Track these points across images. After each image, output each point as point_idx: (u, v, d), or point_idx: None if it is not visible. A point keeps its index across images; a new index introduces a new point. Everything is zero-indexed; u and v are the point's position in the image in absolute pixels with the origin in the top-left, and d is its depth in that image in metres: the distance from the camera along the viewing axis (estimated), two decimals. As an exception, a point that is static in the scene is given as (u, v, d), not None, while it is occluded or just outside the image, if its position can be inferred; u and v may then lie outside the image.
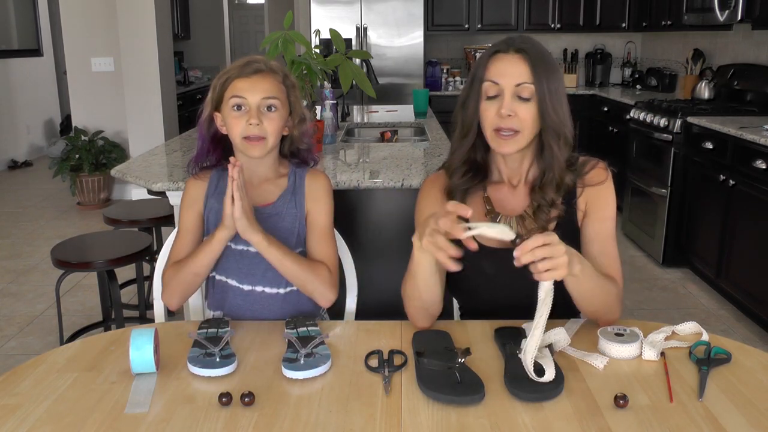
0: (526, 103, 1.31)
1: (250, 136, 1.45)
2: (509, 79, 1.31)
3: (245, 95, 1.45)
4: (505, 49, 1.34)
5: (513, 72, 1.32)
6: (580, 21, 5.85)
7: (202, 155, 1.57)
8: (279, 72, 1.52)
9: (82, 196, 5.48)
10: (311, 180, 1.58)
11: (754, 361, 1.23)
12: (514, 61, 1.32)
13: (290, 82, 1.54)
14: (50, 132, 8.27)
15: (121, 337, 1.34)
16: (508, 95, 1.31)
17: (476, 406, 1.08)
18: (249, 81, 1.46)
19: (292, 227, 1.55)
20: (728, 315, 3.38)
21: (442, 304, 1.38)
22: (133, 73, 5.25)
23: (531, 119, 1.32)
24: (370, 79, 2.94)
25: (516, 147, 1.34)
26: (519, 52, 1.32)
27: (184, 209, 1.58)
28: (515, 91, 1.31)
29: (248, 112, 1.45)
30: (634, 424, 1.03)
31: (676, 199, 3.91)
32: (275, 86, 1.49)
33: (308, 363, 1.19)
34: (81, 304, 3.54)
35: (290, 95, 1.53)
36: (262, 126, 1.45)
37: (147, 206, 3.10)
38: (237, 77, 1.47)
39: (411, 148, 2.92)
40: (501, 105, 1.32)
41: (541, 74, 1.32)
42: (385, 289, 1.67)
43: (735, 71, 4.29)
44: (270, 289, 1.55)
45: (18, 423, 1.05)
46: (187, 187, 1.59)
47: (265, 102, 1.46)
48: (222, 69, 1.54)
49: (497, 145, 1.35)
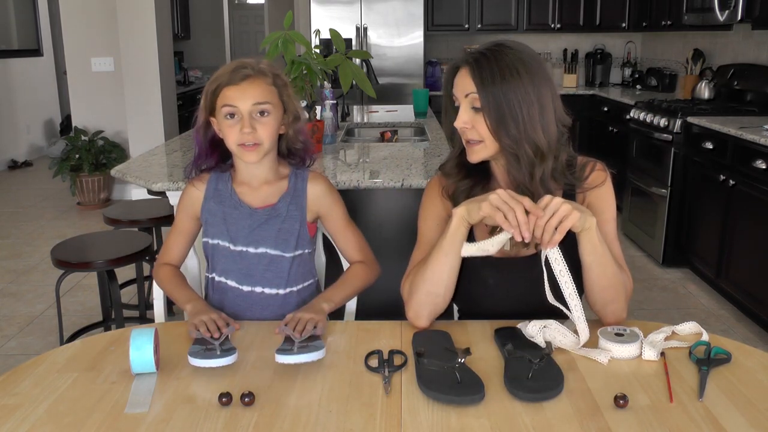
0: (478, 113, 1.31)
1: (244, 143, 1.45)
2: (460, 91, 1.33)
3: (236, 103, 1.44)
4: (459, 63, 1.34)
5: (462, 84, 1.32)
6: (580, 21, 5.85)
7: (200, 158, 1.58)
8: (268, 74, 1.49)
9: (82, 196, 5.48)
10: (314, 186, 1.58)
11: (754, 361, 1.23)
12: (463, 74, 1.32)
13: (281, 81, 1.52)
14: (50, 132, 8.27)
15: (121, 337, 1.34)
16: (463, 107, 1.32)
17: (476, 406, 1.08)
18: (239, 88, 1.45)
19: (293, 228, 1.55)
20: (728, 315, 3.38)
21: (448, 302, 1.38)
22: (133, 73, 5.25)
23: (487, 129, 1.30)
24: (370, 79, 2.94)
25: (480, 156, 1.34)
26: (466, 64, 1.32)
27: (181, 210, 1.61)
28: (468, 101, 1.32)
29: (241, 120, 1.44)
30: (634, 424, 1.03)
31: (676, 199, 3.91)
32: (265, 90, 1.47)
33: (301, 350, 1.20)
34: (81, 304, 3.54)
35: (282, 95, 1.51)
36: (256, 133, 1.45)
37: (147, 206, 3.10)
38: (227, 85, 1.46)
39: (411, 148, 2.92)
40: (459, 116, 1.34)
41: (487, 83, 1.27)
42: (385, 289, 1.67)
43: (735, 71, 4.29)
44: (269, 290, 1.56)
45: (18, 423, 1.05)
46: (186, 189, 1.61)
47: (257, 108, 1.45)
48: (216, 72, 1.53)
49: (467, 154, 1.36)
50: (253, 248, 1.53)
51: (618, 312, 1.35)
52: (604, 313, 1.36)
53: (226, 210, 1.54)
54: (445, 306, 1.38)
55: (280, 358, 1.19)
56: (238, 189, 1.56)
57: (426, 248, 1.39)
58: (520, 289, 1.41)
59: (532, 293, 1.33)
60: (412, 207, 1.52)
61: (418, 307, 1.35)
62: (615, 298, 1.33)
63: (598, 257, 1.28)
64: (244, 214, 1.53)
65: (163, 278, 1.59)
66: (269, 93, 1.48)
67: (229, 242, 1.55)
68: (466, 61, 1.32)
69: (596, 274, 1.31)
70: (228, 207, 1.55)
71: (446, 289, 1.35)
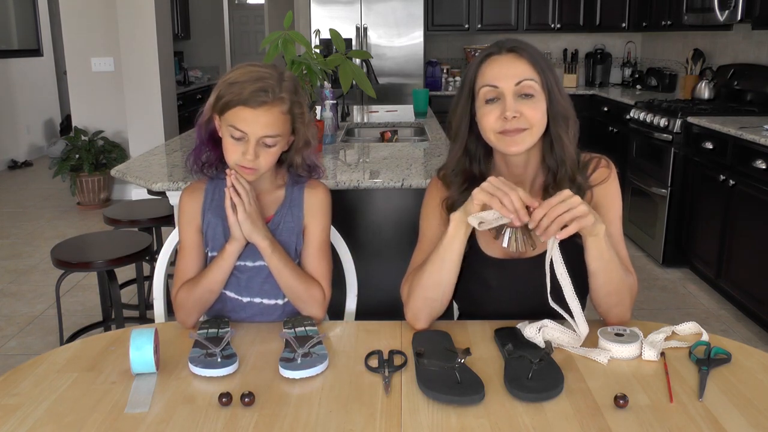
0: (529, 99, 1.29)
1: (243, 165, 1.40)
2: (509, 80, 1.29)
3: (246, 129, 1.37)
4: (497, 51, 1.32)
5: (511, 72, 1.29)
6: (580, 21, 5.86)
7: (201, 149, 1.51)
8: (287, 100, 1.40)
9: (82, 196, 5.48)
10: (310, 193, 1.54)
11: (754, 361, 1.23)
12: (511, 61, 1.30)
13: (299, 109, 1.43)
14: (50, 132, 8.27)
15: (121, 337, 1.34)
16: (510, 96, 1.29)
17: (476, 406, 1.08)
18: (253, 113, 1.36)
19: (290, 240, 1.52)
20: (728, 315, 3.37)
21: (446, 306, 1.37)
22: (133, 73, 5.25)
23: (539, 115, 1.30)
24: (370, 79, 2.94)
25: (525, 145, 1.31)
26: (513, 51, 1.31)
27: (183, 226, 1.53)
28: (516, 90, 1.29)
29: (246, 143, 1.38)
30: (634, 424, 1.03)
31: (676, 199, 3.91)
32: (279, 120, 1.39)
33: (305, 363, 1.19)
34: (81, 304, 3.55)
35: (296, 122, 1.44)
36: (257, 161, 1.40)
37: (147, 206, 3.10)
38: (243, 104, 1.36)
39: (411, 148, 2.92)
40: (503, 107, 1.29)
41: (544, 66, 1.31)
42: (385, 289, 1.67)
43: (735, 71, 4.29)
44: (269, 301, 1.53)
45: (18, 423, 1.05)
46: (182, 202, 1.53)
47: (265, 139, 1.39)
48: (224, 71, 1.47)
49: (504, 145, 1.31)
50: (251, 262, 1.50)
51: (622, 314, 1.35)
52: (608, 315, 1.35)
53: (224, 223, 1.48)
54: (444, 309, 1.37)
55: (285, 372, 1.18)
56: None
57: (427, 248, 1.38)
58: (523, 290, 1.40)
59: (534, 295, 1.33)
60: (412, 207, 1.52)
61: (416, 311, 1.35)
62: (619, 302, 1.33)
63: (604, 264, 1.27)
64: None
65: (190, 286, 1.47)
66: (282, 123, 1.40)
67: None
68: (515, 49, 1.31)
69: (602, 280, 1.29)
70: (225, 220, 1.47)
71: (443, 294, 1.34)
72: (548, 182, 1.37)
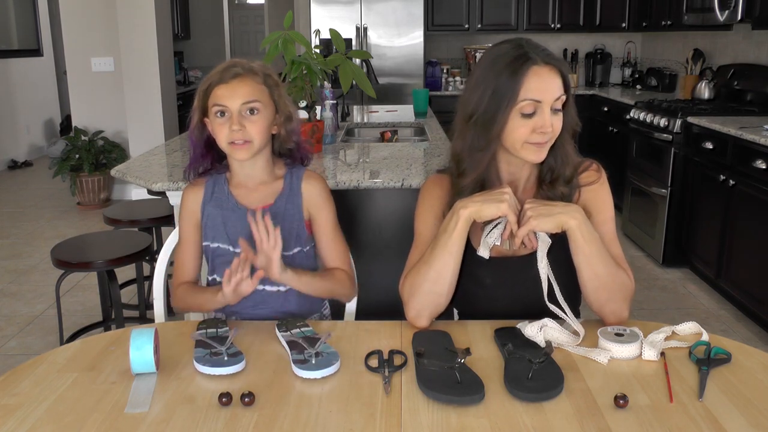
0: (558, 113, 1.32)
1: (234, 140, 1.46)
2: (548, 95, 1.29)
3: (226, 102, 1.46)
4: (536, 62, 1.29)
5: (551, 87, 1.29)
6: (580, 21, 5.86)
7: (196, 160, 1.59)
8: (259, 73, 1.50)
9: (82, 196, 5.48)
10: (308, 185, 1.59)
11: (754, 361, 1.23)
12: (550, 76, 1.30)
13: (272, 81, 1.53)
14: (50, 132, 8.27)
15: (121, 337, 1.34)
16: (547, 111, 1.29)
17: (476, 406, 1.08)
18: (228, 87, 1.46)
19: (291, 228, 1.56)
20: (728, 315, 3.37)
21: (448, 302, 1.38)
22: (133, 73, 5.25)
23: (561, 126, 1.34)
24: (370, 79, 2.94)
25: (546, 153, 1.35)
26: (549, 64, 1.30)
27: (183, 220, 1.60)
28: (552, 105, 1.30)
29: (231, 118, 1.46)
30: (634, 424, 1.03)
31: (676, 199, 3.91)
32: (255, 88, 1.48)
33: (320, 362, 1.19)
34: (81, 304, 3.55)
35: (273, 94, 1.52)
36: (245, 130, 1.46)
37: (147, 206, 3.10)
38: (217, 84, 1.47)
39: (411, 148, 2.92)
40: (540, 122, 1.29)
41: (569, 81, 1.34)
42: (385, 289, 1.67)
43: (735, 71, 4.29)
44: (271, 287, 1.56)
45: (18, 423, 1.05)
46: (184, 197, 1.60)
47: (246, 106, 1.46)
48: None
49: (529, 154, 1.32)
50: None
51: (618, 312, 1.35)
52: (603, 313, 1.36)
53: (224, 213, 1.56)
54: (446, 305, 1.38)
55: (303, 373, 1.18)
56: (235, 191, 1.57)
57: (424, 248, 1.39)
58: (517, 288, 1.41)
59: (528, 292, 1.35)
60: (412, 207, 1.52)
61: (420, 307, 1.35)
62: (610, 298, 1.34)
63: (585, 258, 1.30)
64: (241, 216, 1.53)
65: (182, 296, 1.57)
66: (259, 91, 1.49)
67: (229, 245, 1.55)
68: (550, 61, 1.31)
69: (587, 275, 1.32)
70: (226, 210, 1.56)
71: (449, 287, 1.35)
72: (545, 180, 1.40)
